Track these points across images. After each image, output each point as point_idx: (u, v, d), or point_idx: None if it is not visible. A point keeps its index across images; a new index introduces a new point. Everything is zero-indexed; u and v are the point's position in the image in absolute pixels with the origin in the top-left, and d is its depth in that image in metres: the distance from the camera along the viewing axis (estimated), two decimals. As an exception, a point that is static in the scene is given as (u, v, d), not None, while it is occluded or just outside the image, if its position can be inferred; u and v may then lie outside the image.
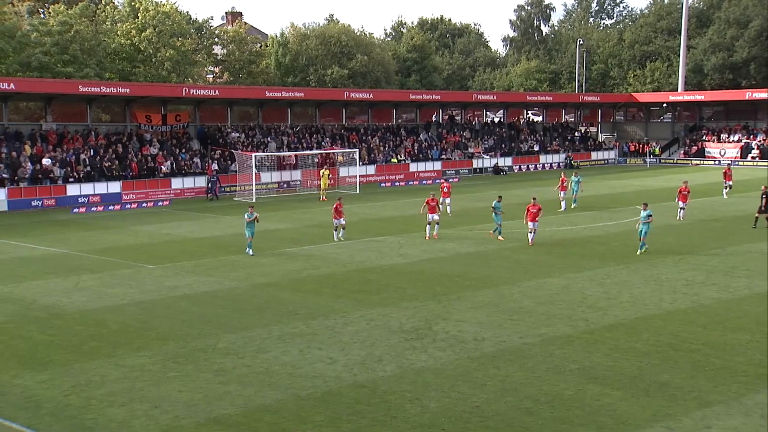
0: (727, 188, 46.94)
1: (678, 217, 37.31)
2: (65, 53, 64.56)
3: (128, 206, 48.68)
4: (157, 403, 15.08)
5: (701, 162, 75.91)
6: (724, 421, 13.96)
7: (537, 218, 31.46)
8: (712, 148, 77.58)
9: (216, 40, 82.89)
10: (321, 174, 52.84)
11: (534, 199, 32.20)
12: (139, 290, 24.79)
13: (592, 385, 15.75)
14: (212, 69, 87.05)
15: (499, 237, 32.69)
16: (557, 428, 13.77)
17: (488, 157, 72.24)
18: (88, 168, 51.13)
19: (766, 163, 70.16)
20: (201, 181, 54.02)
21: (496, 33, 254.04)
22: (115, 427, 14.09)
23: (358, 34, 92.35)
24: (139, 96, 57.08)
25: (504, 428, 13.82)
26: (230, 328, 20.17)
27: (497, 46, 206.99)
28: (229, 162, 57.21)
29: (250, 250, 30.25)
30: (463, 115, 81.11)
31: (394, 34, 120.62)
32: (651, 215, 29.39)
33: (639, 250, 29.21)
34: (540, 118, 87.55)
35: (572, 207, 42.67)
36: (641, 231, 29.32)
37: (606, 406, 14.65)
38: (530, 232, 31.57)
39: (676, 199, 38.09)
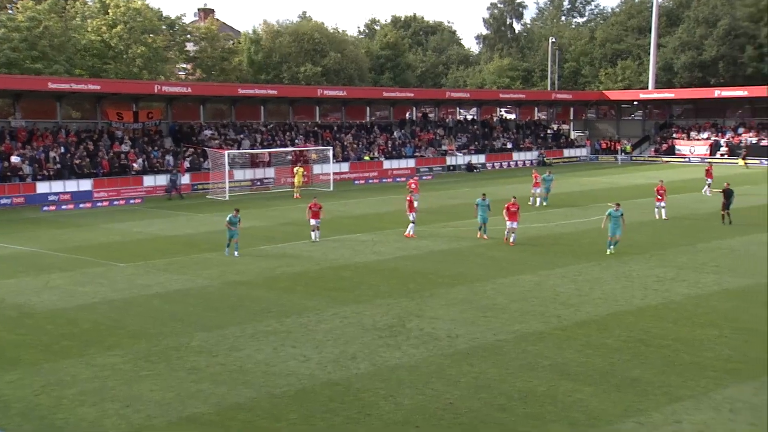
0: (708, 185, 47.12)
1: (660, 216, 37.33)
2: (34, 49, 63.75)
3: (99, 204, 48.25)
4: (129, 402, 14.97)
5: (671, 160, 76.74)
6: (693, 415, 14.14)
7: (517, 217, 31.41)
8: (682, 146, 78.48)
9: (188, 36, 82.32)
10: (295, 171, 52.69)
11: (514, 198, 32.22)
12: (111, 288, 24.57)
13: (565, 381, 15.88)
14: (184, 66, 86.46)
15: (484, 236, 32.50)
16: (530, 424, 13.87)
17: (462, 154, 72.49)
18: (59, 165, 50.57)
19: (733, 161, 71.03)
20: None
21: (469, 31, 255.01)
22: (86, 427, 13.96)
23: (331, 31, 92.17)
24: (111, 93, 56.59)
25: (477, 425, 13.89)
26: (203, 327, 20.06)
27: (470, 43, 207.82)
28: (202, 160, 56.85)
29: (236, 252, 29.44)
30: (437, 113, 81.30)
31: (367, 31, 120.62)
32: (623, 215, 29.38)
33: (610, 249, 29.04)
34: (513, 116, 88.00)
35: (543, 205, 42.95)
36: (612, 231, 29.21)
37: (578, 402, 14.77)
38: (507, 232, 31.38)
39: (655, 199, 38.00)
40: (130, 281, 25.59)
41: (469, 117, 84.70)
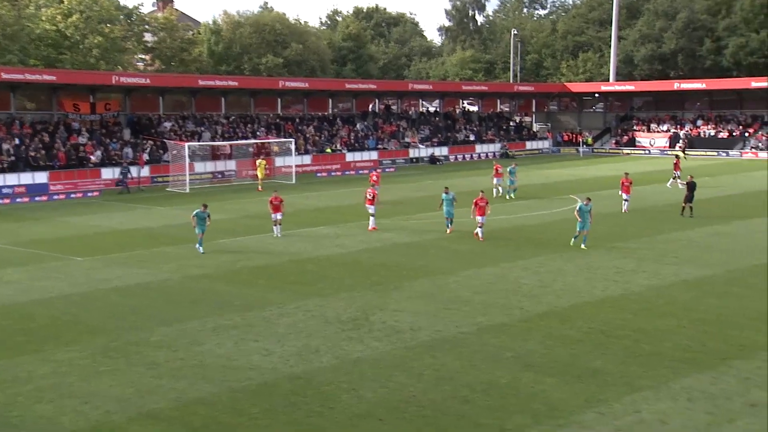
0: (676, 178, 47.42)
1: (623, 209, 37.57)
2: (-14, 39, 62.43)
3: (56, 197, 47.44)
4: (87, 399, 14.70)
5: (632, 152, 77.61)
6: (652, 405, 14.28)
7: (486, 212, 31.25)
8: (642, 138, 79.47)
9: (146, 27, 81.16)
10: (257, 164, 52.27)
11: (482, 192, 32.15)
12: (68, 283, 24.14)
13: (527, 372, 15.93)
14: (143, 57, 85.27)
15: (447, 229, 32.33)
16: (493, 416, 13.89)
17: (424, 146, 72.54)
18: (13, 158, 49.55)
19: (690, 153, 72.09)
20: (133, 171, 52.39)
21: (432, 22, 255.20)
22: (44, 424, 13.69)
23: (293, 22, 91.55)
24: (67, 84, 55.54)
25: (440, 417, 13.87)
26: (163, 321, 19.79)
27: (433, 35, 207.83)
28: (162, 152, 56.13)
29: (201, 248, 28.64)
30: (400, 105, 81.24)
31: (329, 22, 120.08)
32: (590, 210, 29.22)
33: (576, 242, 28.78)
34: (475, 108, 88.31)
35: (508, 198, 43.06)
36: (581, 225, 29.08)
37: (540, 393, 14.83)
38: (479, 226, 30.99)
39: (620, 191, 38.23)
40: (88, 275, 25.17)
41: (432, 109, 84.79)
